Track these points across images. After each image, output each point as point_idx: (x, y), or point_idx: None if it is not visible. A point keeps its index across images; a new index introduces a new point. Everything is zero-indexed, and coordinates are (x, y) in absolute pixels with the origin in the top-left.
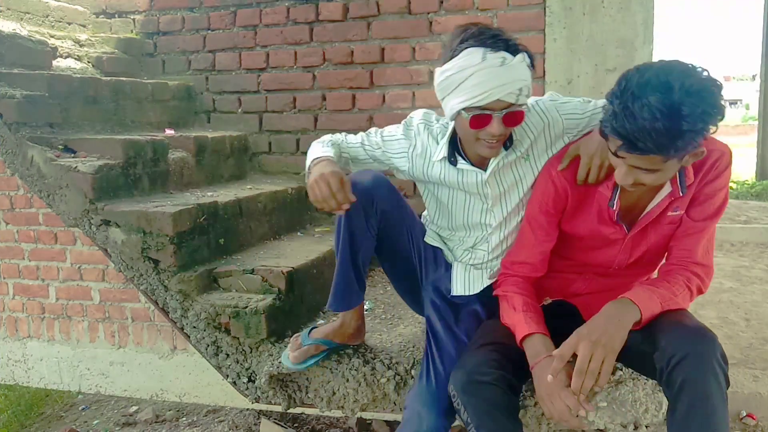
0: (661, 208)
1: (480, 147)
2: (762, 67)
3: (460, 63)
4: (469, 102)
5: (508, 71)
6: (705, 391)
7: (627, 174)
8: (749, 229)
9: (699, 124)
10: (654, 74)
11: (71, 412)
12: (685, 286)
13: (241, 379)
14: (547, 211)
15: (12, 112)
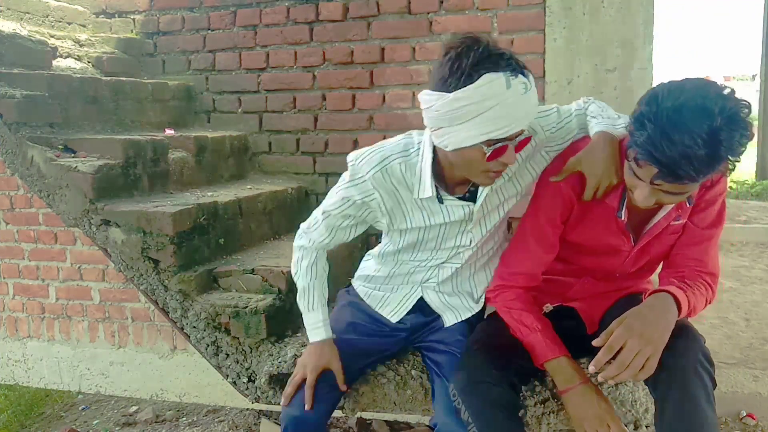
0: (668, 221)
1: (483, 178)
2: (762, 67)
3: (481, 91)
4: (493, 134)
5: (528, 99)
6: (689, 393)
7: (650, 196)
8: (749, 229)
9: (737, 148)
10: (690, 97)
11: (71, 412)
12: (704, 296)
13: (241, 379)
14: (553, 223)
15: (12, 112)
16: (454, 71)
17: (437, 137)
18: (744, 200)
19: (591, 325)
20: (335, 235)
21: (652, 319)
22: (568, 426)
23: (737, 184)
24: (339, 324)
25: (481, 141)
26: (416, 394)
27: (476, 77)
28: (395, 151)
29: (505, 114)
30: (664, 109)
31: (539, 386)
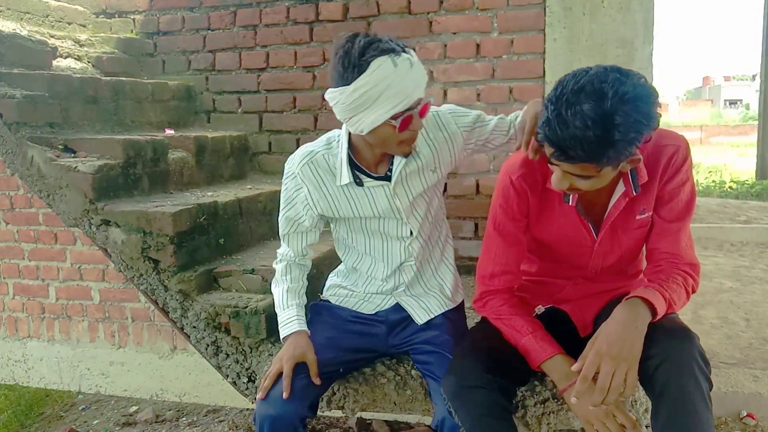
0: (618, 209)
1: (401, 148)
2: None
3: (373, 78)
4: (396, 109)
5: (417, 71)
6: (685, 395)
7: (562, 179)
8: (749, 229)
9: (631, 133)
10: (589, 80)
11: (71, 412)
12: (683, 287)
13: (241, 379)
14: (513, 217)
15: (12, 112)
16: (347, 66)
17: (351, 125)
18: (744, 200)
19: (583, 328)
20: (291, 242)
21: (621, 334)
22: (568, 426)
23: (737, 184)
24: (315, 324)
25: (388, 118)
26: (416, 394)
27: (366, 66)
28: (319, 146)
29: (399, 90)
30: (564, 92)
31: (539, 386)
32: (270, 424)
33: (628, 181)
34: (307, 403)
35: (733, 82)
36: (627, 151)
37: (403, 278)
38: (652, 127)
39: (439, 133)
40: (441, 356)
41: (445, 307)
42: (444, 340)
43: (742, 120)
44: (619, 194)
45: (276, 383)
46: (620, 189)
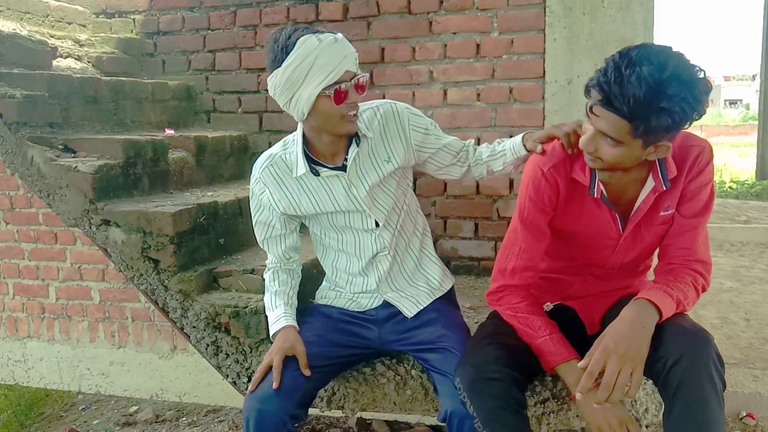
0: (648, 204)
1: (345, 125)
2: (762, 67)
3: (300, 52)
4: (327, 81)
5: (343, 45)
6: (700, 394)
7: (591, 140)
8: (749, 229)
9: (677, 107)
10: (655, 52)
11: (71, 412)
12: (692, 286)
13: (241, 379)
14: (543, 209)
15: (12, 112)
16: (277, 50)
17: (293, 110)
18: (744, 200)
19: (591, 326)
20: (271, 248)
21: (628, 333)
22: (568, 426)
23: (737, 184)
24: (307, 323)
25: (321, 89)
26: (416, 394)
27: (292, 45)
28: (277, 148)
29: (326, 61)
30: (629, 54)
31: (539, 386)
32: (256, 418)
33: (657, 175)
34: (296, 400)
35: (733, 82)
36: (664, 125)
37: (380, 270)
38: (696, 112)
39: (392, 123)
40: (443, 351)
41: (432, 297)
42: (441, 334)
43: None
44: (649, 189)
45: (266, 377)
46: (650, 184)
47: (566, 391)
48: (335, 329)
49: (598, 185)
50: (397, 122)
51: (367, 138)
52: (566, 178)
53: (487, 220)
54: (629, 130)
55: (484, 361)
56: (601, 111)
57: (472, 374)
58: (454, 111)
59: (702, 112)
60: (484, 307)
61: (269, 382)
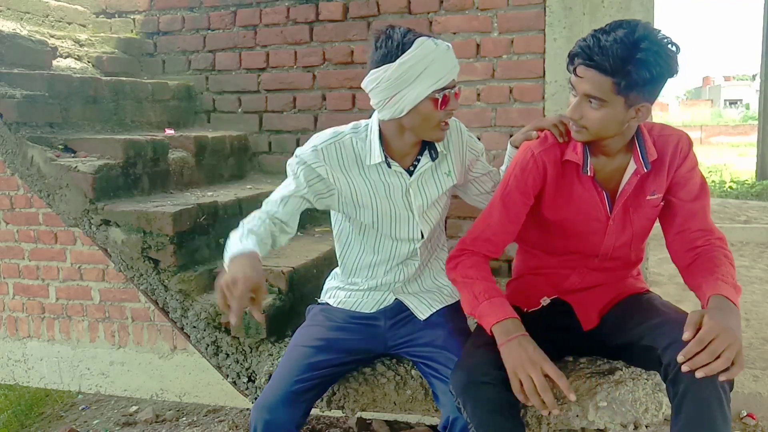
0: (632, 186)
1: (438, 132)
2: (762, 67)
3: (418, 52)
4: (437, 84)
5: (453, 54)
6: (710, 395)
7: (577, 106)
8: (749, 229)
9: (652, 59)
10: (626, 22)
11: (71, 412)
12: (730, 264)
13: (241, 379)
14: (523, 190)
15: (12, 112)
16: (391, 46)
17: (391, 107)
18: (744, 200)
19: (587, 322)
20: (287, 203)
21: (731, 316)
22: (568, 426)
23: (737, 184)
24: (313, 325)
25: (432, 91)
26: (416, 394)
27: (410, 44)
28: (346, 130)
29: (440, 66)
30: (603, 28)
31: None
32: (264, 428)
33: (638, 158)
34: (303, 409)
35: (733, 82)
36: (644, 78)
37: (404, 273)
38: (670, 68)
39: (456, 137)
40: (446, 356)
41: (444, 303)
42: (446, 339)
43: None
44: (631, 171)
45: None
46: (632, 167)
47: None
48: (342, 334)
49: (590, 164)
50: (459, 137)
51: (443, 155)
52: (556, 164)
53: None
54: (611, 87)
55: (476, 366)
56: (585, 71)
57: (464, 379)
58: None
59: (676, 71)
60: None
61: (278, 391)
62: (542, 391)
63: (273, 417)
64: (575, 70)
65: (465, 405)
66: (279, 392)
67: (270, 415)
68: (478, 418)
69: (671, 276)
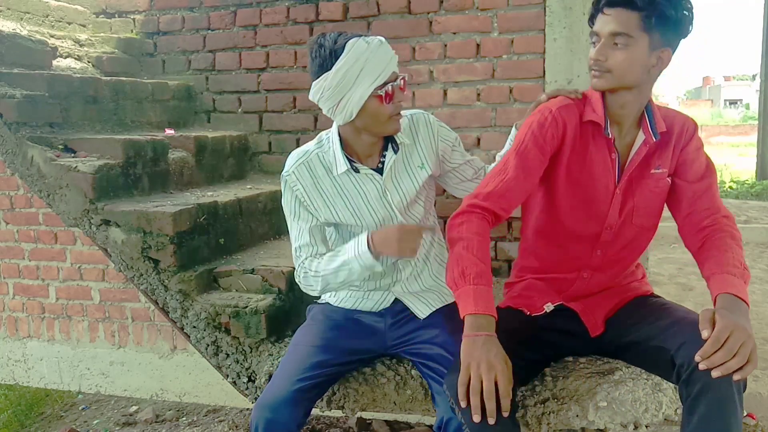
0: (641, 156)
1: (392, 124)
2: (762, 67)
3: (351, 56)
4: (378, 81)
5: (387, 47)
6: (725, 396)
7: (602, 48)
8: (749, 229)
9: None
10: None
11: (71, 412)
12: (737, 245)
13: (241, 378)
14: (542, 146)
15: (12, 112)
16: (325, 54)
17: (340, 112)
18: (744, 200)
19: (594, 328)
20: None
21: (740, 313)
22: (568, 426)
23: (737, 184)
24: (313, 324)
25: (374, 89)
26: (416, 394)
27: (342, 49)
28: (311, 147)
29: (376, 63)
30: None
31: (539, 386)
32: (264, 428)
33: (647, 128)
34: (305, 408)
35: (733, 82)
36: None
37: (400, 274)
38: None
39: (424, 129)
40: (443, 357)
41: (444, 302)
42: (444, 340)
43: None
44: (641, 141)
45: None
46: (641, 137)
47: (566, 391)
48: (342, 334)
49: (610, 126)
50: (428, 129)
51: (405, 144)
52: (574, 124)
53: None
54: (638, 22)
55: None
56: (612, 9)
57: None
58: (454, 111)
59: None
60: None
61: (281, 390)
62: (487, 398)
63: (275, 416)
64: (602, 10)
65: (459, 407)
66: (282, 391)
67: (272, 414)
68: (471, 420)
69: (671, 276)
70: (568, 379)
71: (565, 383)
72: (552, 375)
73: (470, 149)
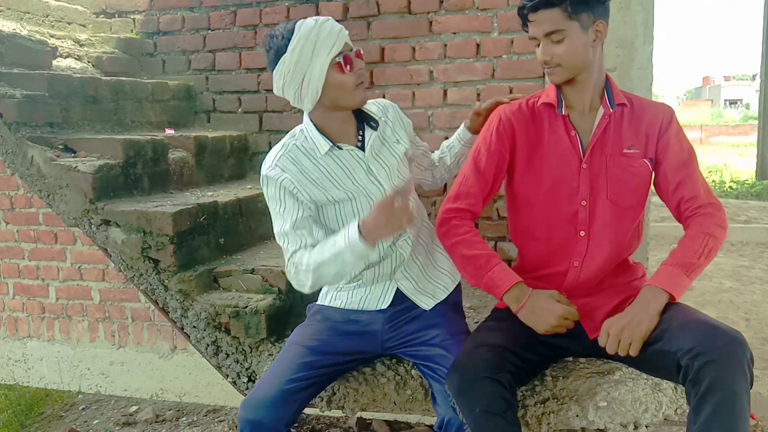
0: (601, 128)
1: (359, 93)
2: (762, 67)
3: (302, 33)
4: (334, 50)
5: (334, 23)
6: (734, 394)
7: (543, 49)
8: (749, 229)
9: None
10: None
11: (71, 412)
12: (704, 235)
13: (241, 378)
14: (489, 147)
15: (12, 112)
16: (278, 41)
17: (306, 94)
18: (744, 200)
19: (593, 330)
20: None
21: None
22: (568, 426)
23: (737, 184)
24: (310, 325)
25: (332, 58)
26: (416, 394)
27: (291, 31)
28: (286, 141)
29: (328, 36)
30: None
31: (539, 386)
32: (250, 429)
33: (605, 102)
34: (293, 408)
35: (733, 82)
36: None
37: (400, 255)
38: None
39: (392, 112)
40: (444, 357)
41: (447, 291)
42: (444, 339)
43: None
44: (600, 115)
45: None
46: (601, 111)
47: (566, 391)
48: (339, 335)
49: (564, 105)
50: (395, 113)
51: (381, 120)
52: (523, 116)
53: (488, 220)
54: (562, 15)
55: (472, 366)
56: (534, 15)
57: (459, 380)
58: (454, 111)
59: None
60: (483, 307)
61: (262, 391)
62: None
63: (257, 417)
64: (527, 19)
65: (461, 405)
66: (269, 391)
67: (255, 415)
68: (474, 419)
69: None
70: (568, 379)
71: (565, 383)
72: (552, 375)
73: None
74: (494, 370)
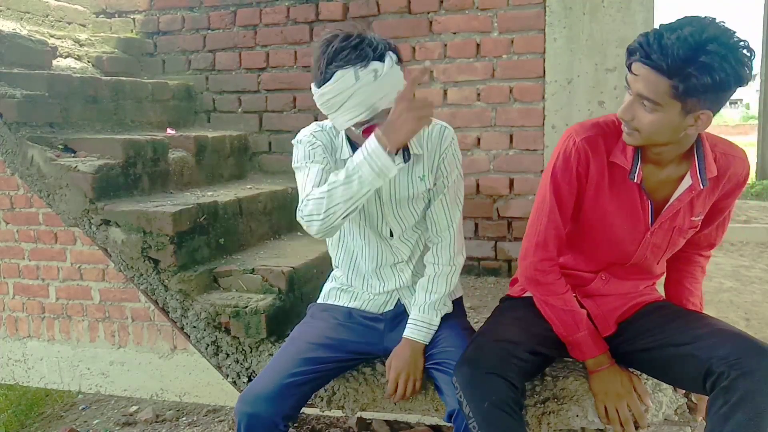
0: (682, 202)
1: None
2: (762, 68)
3: (336, 87)
4: (356, 119)
5: (383, 82)
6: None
7: (629, 106)
8: (749, 229)
9: (717, 64)
10: (696, 17)
11: (71, 412)
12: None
13: (241, 378)
14: (569, 180)
15: (12, 111)
16: (317, 70)
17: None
18: (744, 200)
19: (605, 328)
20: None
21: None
22: (568, 426)
23: None
24: (313, 321)
25: (351, 125)
26: (416, 394)
27: (330, 76)
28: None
29: (360, 101)
30: (670, 23)
31: (539, 386)
32: (246, 424)
33: (695, 173)
34: (290, 403)
35: None
36: (704, 84)
37: (402, 279)
38: (738, 76)
39: (437, 142)
40: (449, 351)
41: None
42: (449, 335)
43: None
44: (686, 187)
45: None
46: (687, 182)
47: (566, 391)
48: (342, 333)
49: (639, 170)
50: (440, 144)
51: (417, 156)
52: (599, 155)
53: (487, 220)
54: (668, 90)
55: (482, 362)
56: (640, 68)
57: (469, 374)
58: (454, 111)
59: (743, 79)
60: (483, 307)
61: (261, 385)
62: (625, 423)
63: (255, 410)
64: (630, 67)
65: (468, 400)
66: (268, 385)
67: (252, 409)
68: (480, 415)
69: None
70: (568, 379)
71: (565, 383)
72: (552, 375)
73: (470, 149)
74: (505, 367)
